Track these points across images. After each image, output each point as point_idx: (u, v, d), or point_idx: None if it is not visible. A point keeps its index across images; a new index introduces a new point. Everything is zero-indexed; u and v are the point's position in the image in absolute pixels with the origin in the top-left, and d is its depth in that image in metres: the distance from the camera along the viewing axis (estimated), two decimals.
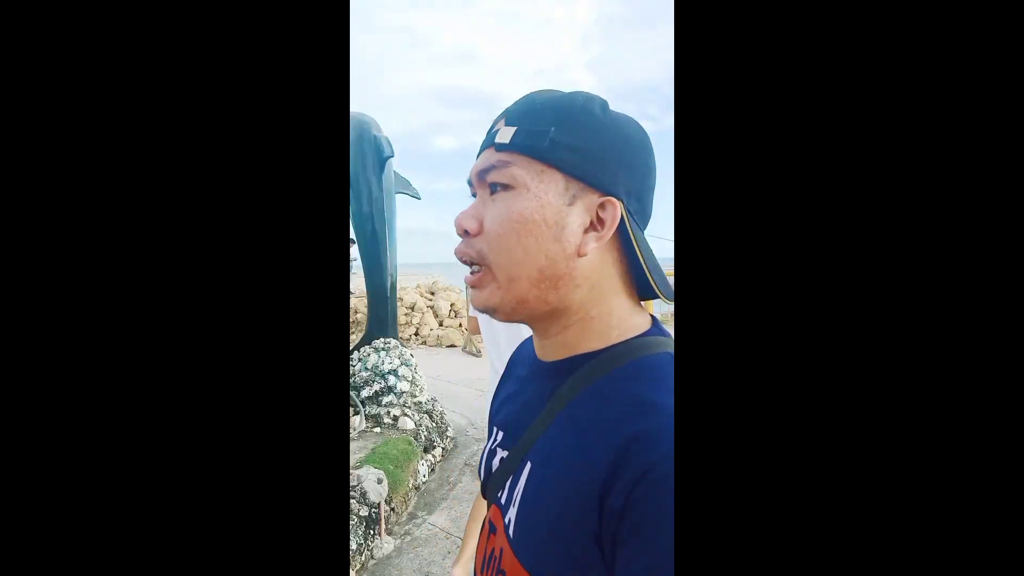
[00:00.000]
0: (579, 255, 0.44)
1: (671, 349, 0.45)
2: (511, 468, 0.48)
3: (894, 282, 0.30)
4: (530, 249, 0.44)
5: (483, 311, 0.47)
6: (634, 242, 0.45)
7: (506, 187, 0.45)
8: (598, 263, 0.45)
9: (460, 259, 0.48)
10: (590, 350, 0.46)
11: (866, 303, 0.31)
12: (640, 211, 0.46)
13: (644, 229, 0.46)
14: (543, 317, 0.47)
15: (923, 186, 0.30)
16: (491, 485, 0.50)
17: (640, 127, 0.46)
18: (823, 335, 0.31)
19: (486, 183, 0.46)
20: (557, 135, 0.44)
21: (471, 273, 0.47)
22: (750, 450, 0.31)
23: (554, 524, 0.41)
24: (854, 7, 0.32)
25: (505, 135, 0.45)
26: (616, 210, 0.44)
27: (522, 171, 0.44)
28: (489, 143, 0.46)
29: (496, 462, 0.52)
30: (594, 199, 0.44)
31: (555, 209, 0.44)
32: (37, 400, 0.33)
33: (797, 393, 0.31)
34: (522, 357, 0.58)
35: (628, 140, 0.45)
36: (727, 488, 0.31)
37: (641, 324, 0.47)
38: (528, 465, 0.46)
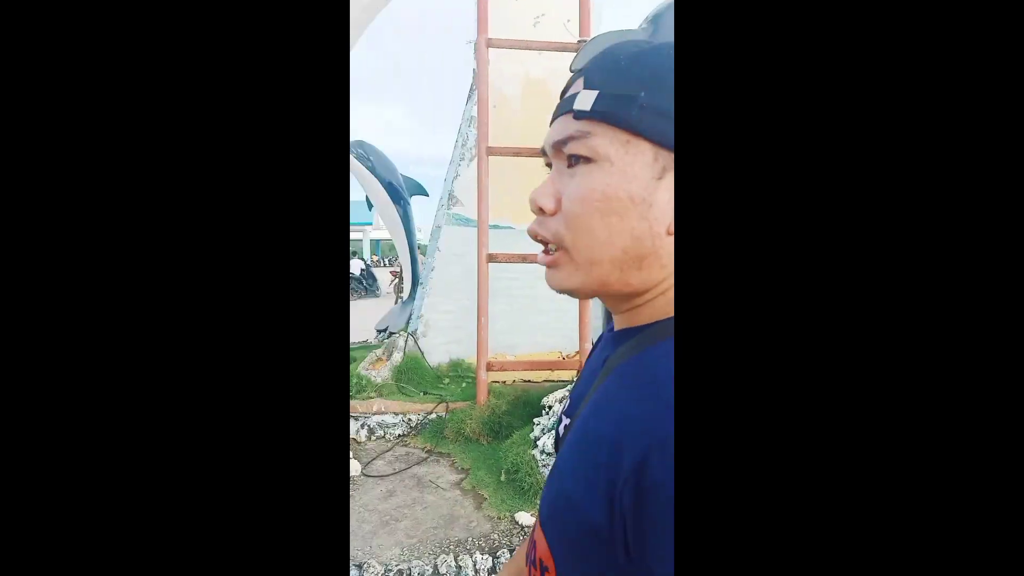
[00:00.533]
0: (668, 233, 0.39)
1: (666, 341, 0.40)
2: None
3: (894, 281, 0.30)
4: (614, 229, 0.39)
5: (560, 292, 0.44)
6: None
7: (587, 160, 0.40)
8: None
9: (533, 239, 0.44)
10: (654, 320, 0.42)
11: (867, 303, 0.31)
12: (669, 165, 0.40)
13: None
14: (622, 296, 0.43)
15: (923, 185, 0.30)
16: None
17: (669, 52, 0.39)
18: (823, 335, 0.31)
19: (563, 155, 0.41)
20: (647, 99, 0.38)
21: (544, 252, 0.43)
22: (751, 449, 0.31)
23: (569, 502, 0.39)
24: (854, 7, 0.31)
25: (585, 101, 0.39)
26: (666, 174, 0.38)
27: (606, 141, 0.39)
28: (566, 108, 0.41)
29: (561, 429, 0.50)
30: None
31: (643, 184, 0.39)
32: (34, 400, 0.33)
33: (798, 391, 0.31)
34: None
35: (659, 65, 0.39)
36: (727, 485, 0.31)
37: (661, 312, 0.42)
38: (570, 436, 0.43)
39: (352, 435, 3.58)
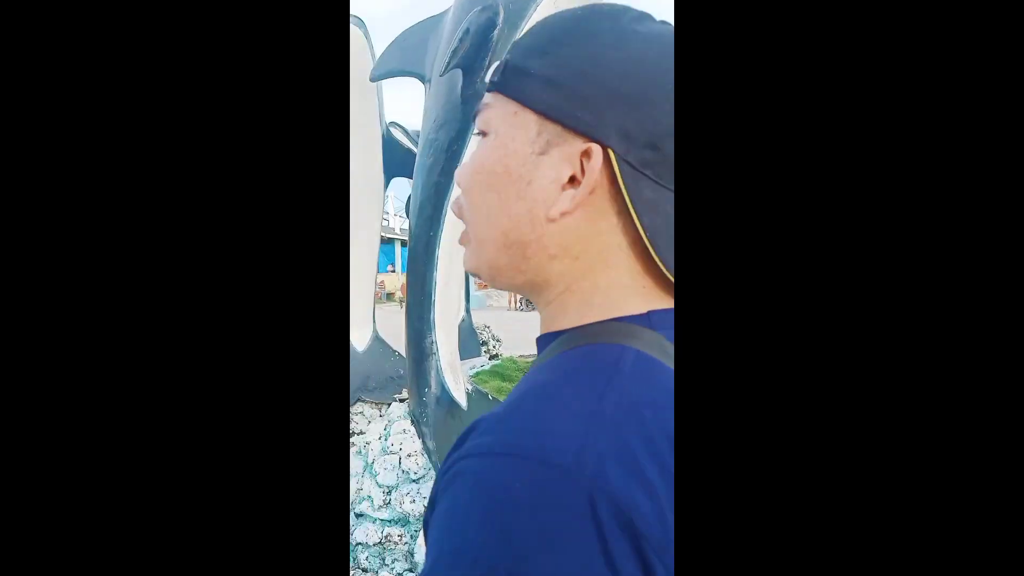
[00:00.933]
0: (550, 220, 0.35)
1: (642, 346, 0.33)
2: None
3: (893, 282, 0.30)
4: (492, 207, 0.37)
5: (470, 274, 0.41)
6: (622, 200, 0.34)
7: (483, 134, 0.38)
8: (586, 230, 0.36)
9: (456, 215, 0.41)
10: (563, 328, 0.37)
11: (867, 304, 0.31)
12: (659, 162, 0.34)
13: (670, 185, 0.34)
14: (525, 288, 0.39)
15: (922, 184, 0.30)
16: None
17: (665, 44, 0.35)
18: (824, 334, 0.31)
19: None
20: (540, 66, 0.35)
21: None
22: (752, 451, 0.30)
23: None
24: (854, 6, 0.31)
25: (492, 72, 0.38)
26: (595, 159, 0.34)
27: (497, 113, 0.37)
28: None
29: None
30: (577, 147, 0.34)
31: (521, 159, 0.36)
32: (33, 399, 0.33)
33: (798, 392, 0.31)
34: None
35: (640, 64, 0.34)
36: (728, 489, 0.30)
37: (633, 307, 0.36)
38: None
39: None
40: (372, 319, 3.58)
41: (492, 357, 5.03)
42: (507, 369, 4.56)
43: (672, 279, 0.35)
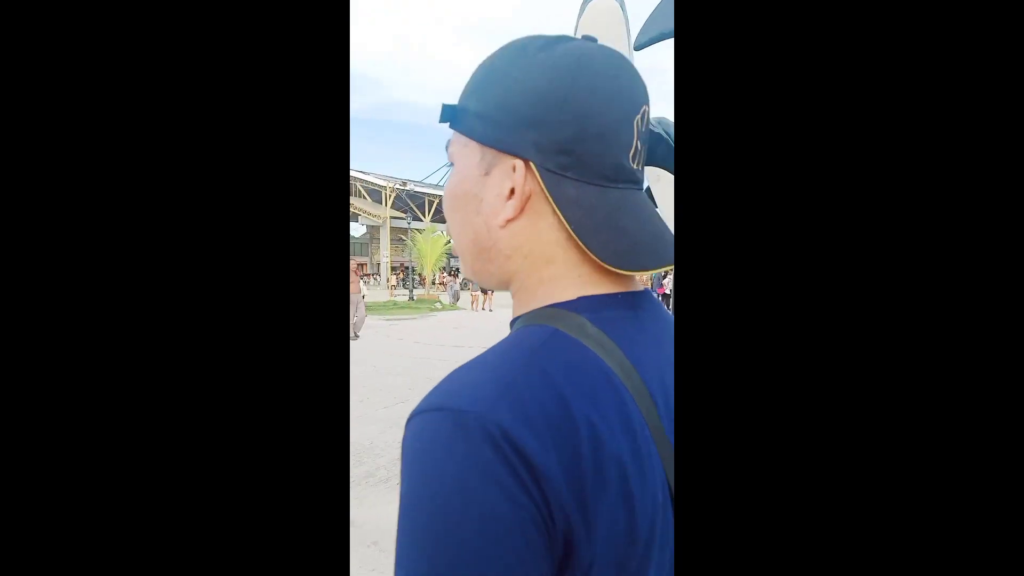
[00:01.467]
0: (500, 227, 0.42)
1: (563, 327, 0.39)
2: None
3: (892, 283, 0.31)
4: (461, 224, 0.45)
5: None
6: (549, 202, 0.40)
7: (451, 164, 0.46)
8: (529, 231, 0.42)
9: None
10: (518, 315, 0.45)
11: (868, 305, 0.31)
12: (575, 164, 0.40)
13: (597, 182, 0.40)
14: (500, 285, 0.46)
15: (921, 184, 0.30)
16: None
17: (575, 61, 0.40)
18: (824, 335, 0.31)
19: None
20: (470, 102, 0.43)
21: None
22: (753, 445, 0.31)
23: None
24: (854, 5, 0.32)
25: (446, 113, 0.45)
26: (519, 173, 0.41)
27: (455, 147, 0.45)
28: None
29: None
30: (508, 164, 0.41)
31: (473, 181, 0.43)
32: (34, 398, 0.33)
33: (796, 388, 0.31)
34: None
35: (537, 87, 0.40)
36: (728, 484, 0.31)
37: (567, 294, 0.41)
38: None
39: None
40: None
41: None
42: None
43: (602, 263, 0.40)
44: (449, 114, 0.44)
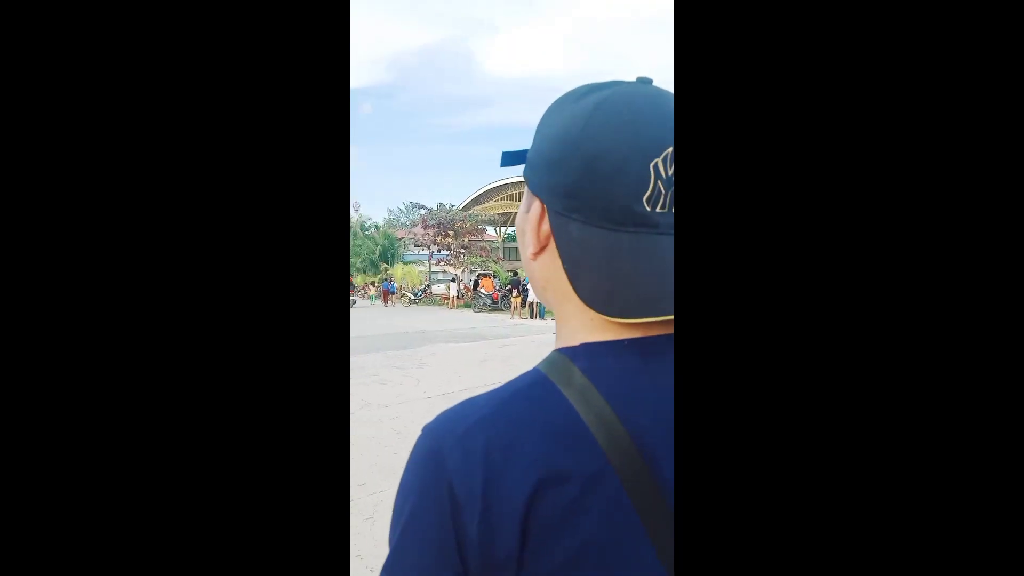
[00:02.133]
0: (531, 258, 0.45)
1: (551, 374, 0.40)
2: None
3: (891, 286, 0.30)
4: (521, 253, 0.48)
5: None
6: (552, 242, 0.43)
7: None
8: (551, 267, 0.44)
9: None
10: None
11: (866, 307, 0.31)
12: (580, 206, 0.40)
13: (604, 225, 0.40)
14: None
15: (921, 185, 0.30)
16: None
17: (591, 108, 0.41)
18: (824, 337, 0.31)
19: None
20: (531, 149, 0.46)
21: None
22: (754, 455, 0.31)
23: None
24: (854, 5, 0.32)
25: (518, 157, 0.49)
26: (534, 211, 0.44)
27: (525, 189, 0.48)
28: None
29: None
30: (537, 203, 0.44)
31: (521, 216, 0.47)
32: (35, 402, 0.33)
33: (795, 396, 0.31)
34: None
35: (557, 133, 0.42)
36: (726, 496, 0.31)
37: (575, 339, 0.42)
38: None
39: None
40: None
41: None
42: None
43: (591, 308, 0.41)
44: (511, 158, 0.49)
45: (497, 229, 30.06)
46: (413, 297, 23.72)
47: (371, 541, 2.64)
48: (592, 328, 0.42)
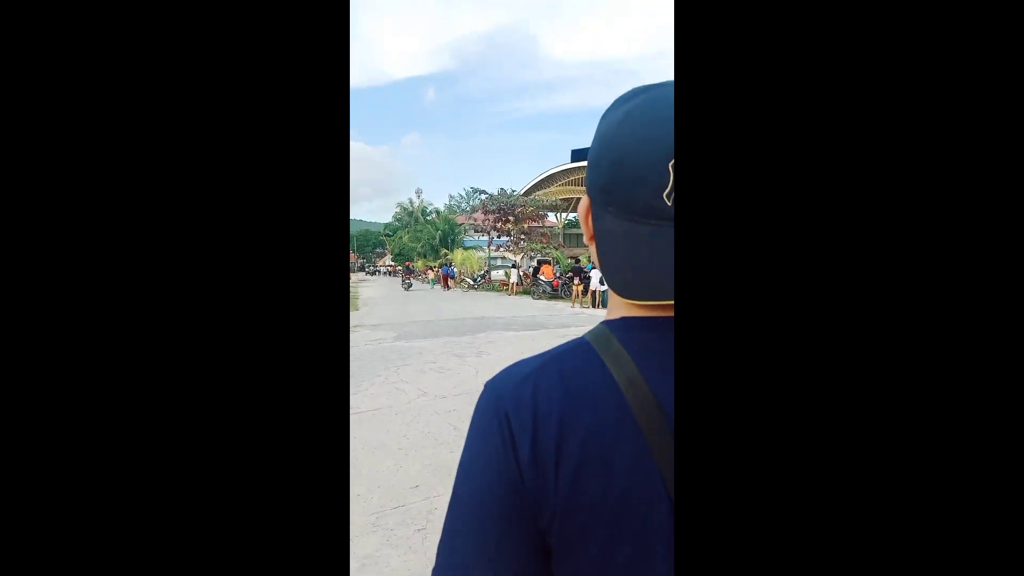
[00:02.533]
0: (587, 243, 0.51)
1: (592, 340, 0.47)
2: None
3: (893, 287, 0.31)
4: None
5: None
6: (589, 231, 0.50)
7: None
8: (595, 253, 0.49)
9: None
10: None
11: (867, 308, 0.31)
12: (611, 201, 0.46)
13: (630, 217, 0.45)
14: None
15: (921, 185, 0.31)
16: None
17: (623, 114, 0.46)
18: (823, 337, 0.32)
19: None
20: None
21: None
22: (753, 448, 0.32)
23: None
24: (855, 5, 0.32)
25: None
26: (583, 204, 0.50)
27: None
28: None
29: None
30: (586, 197, 0.50)
31: (583, 205, 0.51)
32: (36, 399, 0.33)
33: (793, 391, 0.32)
34: None
35: (598, 137, 0.48)
36: (726, 485, 0.32)
37: (616, 314, 0.49)
38: None
39: None
40: None
41: None
42: None
43: (612, 290, 0.47)
44: (578, 154, 0.56)
45: (558, 215, 29.54)
46: (472, 283, 23.80)
47: (424, 559, 2.31)
48: (630, 307, 0.47)
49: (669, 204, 0.42)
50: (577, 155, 0.55)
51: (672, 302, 0.41)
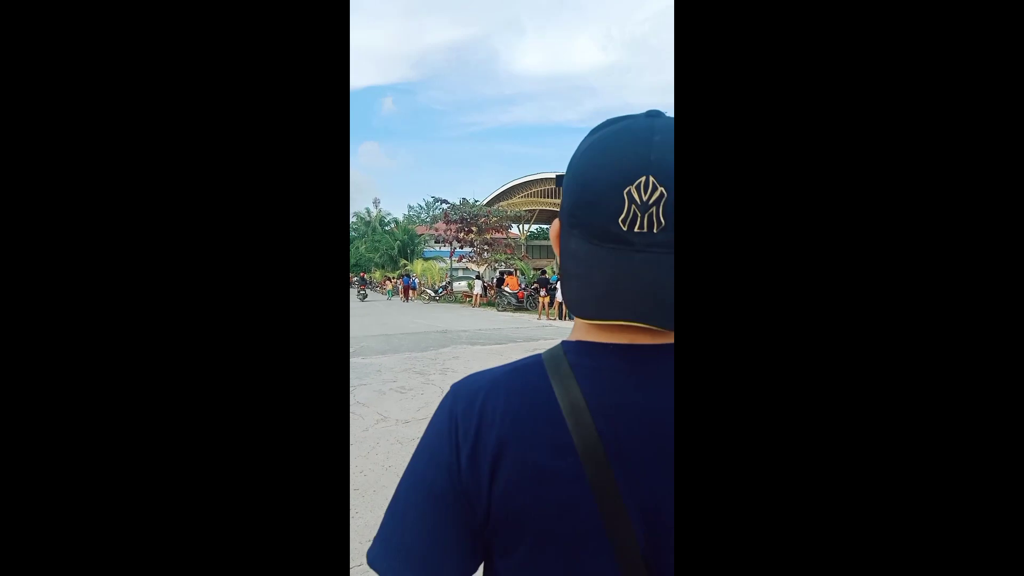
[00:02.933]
0: (558, 262, 0.52)
1: (546, 359, 0.50)
2: None
3: (894, 287, 0.31)
4: None
5: None
6: (558, 250, 0.51)
7: None
8: (559, 271, 0.51)
9: None
10: None
11: (865, 309, 0.31)
12: (575, 224, 0.47)
13: (590, 240, 0.46)
14: None
15: (920, 186, 0.31)
16: None
17: (588, 144, 0.48)
18: (825, 341, 0.32)
19: None
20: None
21: None
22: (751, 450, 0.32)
23: None
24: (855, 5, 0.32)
25: None
26: (555, 224, 0.52)
27: None
28: None
29: None
30: (558, 219, 0.52)
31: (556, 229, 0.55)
32: (37, 401, 0.33)
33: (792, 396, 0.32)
34: None
35: (570, 162, 0.50)
36: (725, 486, 0.32)
37: (576, 336, 0.52)
38: None
39: None
40: None
41: None
42: None
43: (568, 312, 0.54)
44: (560, 180, 0.56)
45: (521, 227, 29.25)
46: (433, 294, 23.06)
47: None
48: (588, 330, 0.50)
49: (624, 229, 0.44)
50: (559, 180, 0.57)
51: (624, 324, 0.46)
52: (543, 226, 31.88)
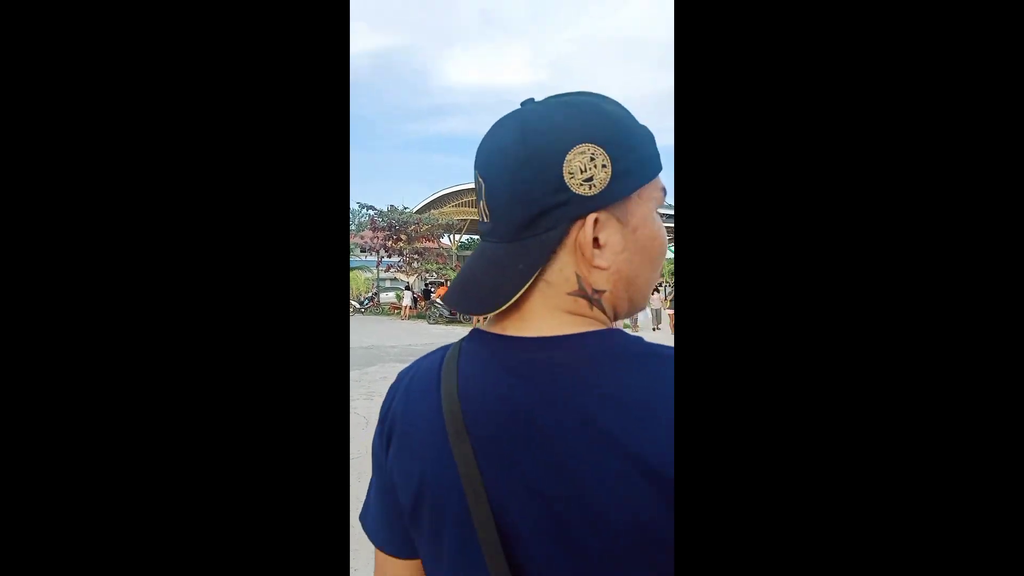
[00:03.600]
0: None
1: (454, 342, 0.53)
2: None
3: (894, 287, 0.31)
4: None
5: None
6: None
7: None
8: None
9: None
10: None
11: (866, 310, 0.31)
12: (487, 230, 0.50)
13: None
14: None
15: (920, 186, 0.31)
16: None
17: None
18: (823, 338, 0.32)
19: None
20: None
21: None
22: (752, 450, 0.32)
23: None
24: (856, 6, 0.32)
25: None
26: None
27: None
28: None
29: None
30: None
31: None
32: (37, 399, 0.33)
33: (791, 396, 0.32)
34: None
35: None
36: (724, 487, 0.32)
37: (483, 325, 0.54)
38: None
39: None
40: None
41: None
42: None
43: (456, 313, 1.88)
44: None
45: (452, 236, 28.56)
46: (359, 306, 21.84)
47: None
48: (490, 321, 0.50)
49: (485, 220, 0.48)
50: None
51: (507, 315, 0.48)
52: (475, 236, 31.40)
